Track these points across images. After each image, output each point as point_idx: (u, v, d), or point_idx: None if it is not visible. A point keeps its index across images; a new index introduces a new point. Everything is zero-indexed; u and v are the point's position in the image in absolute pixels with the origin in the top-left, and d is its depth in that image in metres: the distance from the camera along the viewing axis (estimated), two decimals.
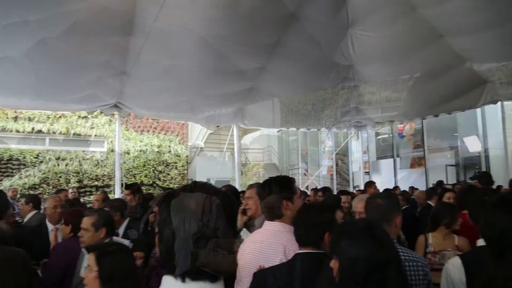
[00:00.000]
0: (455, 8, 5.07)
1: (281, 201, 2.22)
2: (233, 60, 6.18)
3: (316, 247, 1.84)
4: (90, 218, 2.94)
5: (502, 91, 6.88)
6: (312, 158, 21.04)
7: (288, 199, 2.24)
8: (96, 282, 1.85)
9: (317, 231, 1.83)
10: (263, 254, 2.15)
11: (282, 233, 2.18)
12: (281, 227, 2.20)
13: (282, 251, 2.08)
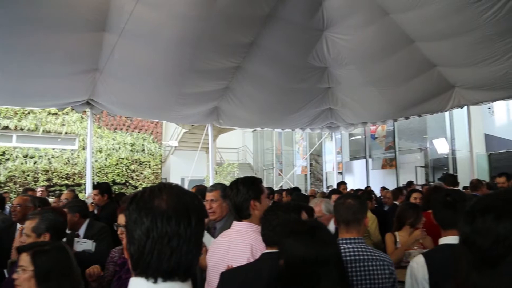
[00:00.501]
0: (425, 15, 5.22)
1: (248, 201, 2.23)
2: (209, 59, 6.17)
3: None
4: (31, 222, 2.63)
5: (468, 96, 7.14)
6: (287, 158, 21.20)
7: (256, 199, 2.25)
8: (32, 282, 1.79)
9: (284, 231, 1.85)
10: (231, 254, 2.16)
11: (249, 233, 2.19)
12: (248, 227, 2.22)
13: (249, 251, 2.09)
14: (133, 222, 1.01)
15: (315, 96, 8.23)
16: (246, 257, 2.07)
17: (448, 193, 2.15)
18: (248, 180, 2.35)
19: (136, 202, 1.04)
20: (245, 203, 2.23)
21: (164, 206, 1.02)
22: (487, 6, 4.60)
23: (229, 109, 8.15)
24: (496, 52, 5.42)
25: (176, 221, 1.01)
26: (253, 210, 2.23)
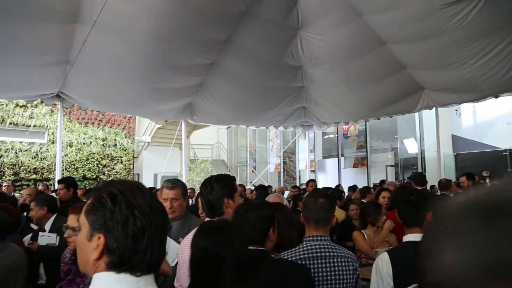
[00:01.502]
0: (396, 17, 5.35)
1: (222, 199, 2.24)
2: (183, 54, 6.12)
3: (260, 244, 1.86)
4: None
5: (437, 98, 7.35)
6: (261, 156, 21.28)
7: (229, 197, 2.26)
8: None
9: (261, 228, 1.86)
10: None
11: None
12: None
13: None
14: (124, 221, 1.01)
15: (289, 95, 8.29)
16: None
17: (412, 192, 2.22)
18: (222, 177, 2.35)
19: (124, 201, 1.04)
20: (219, 201, 2.23)
21: (149, 203, 1.05)
22: (455, 12, 4.75)
23: (203, 105, 8.11)
24: (463, 56, 5.60)
25: (161, 215, 1.06)
26: (226, 208, 2.23)
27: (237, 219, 1.90)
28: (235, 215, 1.92)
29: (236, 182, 2.45)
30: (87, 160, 16.12)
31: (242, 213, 1.89)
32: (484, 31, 5.02)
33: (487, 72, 5.74)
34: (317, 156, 17.56)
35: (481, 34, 5.11)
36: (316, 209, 2.12)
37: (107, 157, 16.75)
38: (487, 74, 5.80)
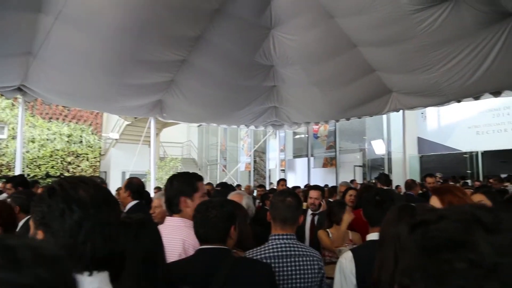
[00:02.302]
0: (366, 21, 5.45)
1: (178, 197, 2.22)
2: (152, 50, 6.00)
3: (222, 243, 1.85)
4: None
5: (404, 101, 7.55)
6: (231, 154, 21.24)
7: (187, 196, 2.23)
8: None
9: (223, 226, 1.85)
10: None
11: (181, 228, 2.18)
12: (181, 222, 2.20)
13: (181, 246, 2.08)
14: (60, 214, 0.98)
15: (261, 94, 8.30)
16: (178, 252, 2.05)
17: (377, 192, 2.26)
18: (184, 176, 2.33)
19: (61, 194, 1.01)
20: (176, 199, 2.21)
21: (91, 195, 1.02)
22: (422, 19, 4.89)
23: (173, 102, 8.00)
24: (429, 61, 5.77)
25: (106, 208, 1.03)
26: (184, 207, 2.21)
27: (198, 218, 1.87)
28: (196, 214, 1.89)
29: (203, 181, 2.40)
30: (50, 157, 15.59)
31: (203, 212, 1.87)
32: (448, 39, 5.20)
33: (451, 77, 5.93)
34: (287, 156, 17.70)
35: (446, 41, 5.28)
36: (284, 208, 2.12)
37: (72, 154, 16.25)
38: (450, 80, 5.99)
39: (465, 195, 1.98)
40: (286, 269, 1.97)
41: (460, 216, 0.62)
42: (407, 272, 0.61)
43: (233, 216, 1.92)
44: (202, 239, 1.88)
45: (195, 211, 1.91)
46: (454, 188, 2.08)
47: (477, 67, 5.49)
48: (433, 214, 0.65)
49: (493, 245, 0.59)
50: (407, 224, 0.96)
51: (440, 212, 0.65)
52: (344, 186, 5.16)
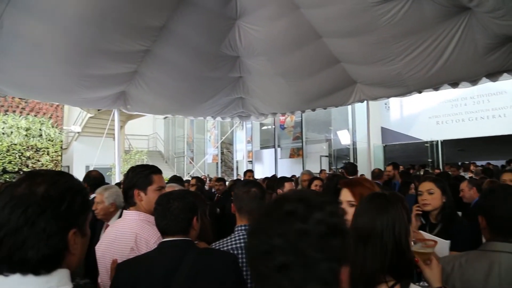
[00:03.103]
0: (331, 12, 5.50)
1: (133, 190, 2.21)
2: (115, 40, 5.81)
3: (184, 234, 1.84)
4: None
5: (368, 91, 7.70)
6: (198, 146, 21.08)
7: (140, 189, 2.22)
8: None
9: (185, 217, 1.84)
10: (116, 244, 2.11)
11: (136, 221, 2.16)
12: (136, 215, 2.19)
13: (133, 240, 2.06)
14: None
15: (227, 85, 8.25)
16: (130, 246, 2.03)
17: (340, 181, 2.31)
18: (140, 168, 2.30)
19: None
20: (130, 191, 2.20)
21: (20, 194, 1.00)
22: (384, 11, 4.98)
23: (137, 94, 7.81)
24: (392, 53, 5.90)
25: (32, 207, 0.98)
26: (138, 200, 2.20)
27: (159, 210, 1.85)
28: (157, 206, 1.87)
29: (161, 175, 2.35)
30: (7, 152, 14.88)
31: (164, 204, 1.85)
32: (409, 31, 5.33)
33: (412, 69, 6.10)
34: (254, 147, 17.76)
35: (407, 34, 5.41)
36: (249, 199, 2.13)
37: (31, 149, 15.58)
38: (412, 71, 6.16)
39: (374, 186, 2.04)
40: None
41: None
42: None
43: (194, 207, 1.91)
44: (164, 231, 1.85)
45: (156, 203, 1.89)
46: (364, 180, 2.17)
47: (436, 59, 5.67)
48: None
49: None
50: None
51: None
52: (307, 175, 5.16)
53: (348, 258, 0.81)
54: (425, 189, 2.70)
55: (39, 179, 1.04)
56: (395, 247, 1.42)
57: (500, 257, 1.61)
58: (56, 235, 1.00)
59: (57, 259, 1.02)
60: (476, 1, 4.12)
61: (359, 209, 1.56)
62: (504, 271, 1.58)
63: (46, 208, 1.00)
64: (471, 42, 5.12)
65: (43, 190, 1.02)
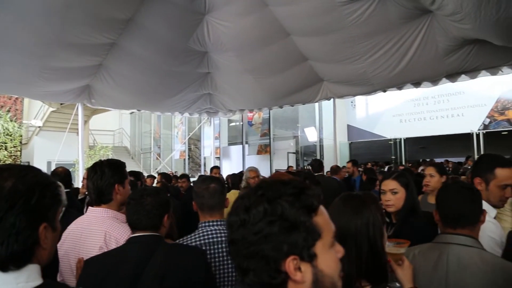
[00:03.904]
0: (298, 10, 5.55)
1: (113, 185, 2.18)
2: (79, 32, 5.63)
3: (154, 230, 1.83)
4: None
5: (334, 89, 7.85)
6: (165, 142, 20.81)
7: (120, 183, 2.21)
8: None
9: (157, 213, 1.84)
10: (82, 242, 2.06)
11: (104, 219, 2.12)
12: (104, 212, 2.15)
13: (102, 238, 2.02)
14: None
15: (195, 81, 8.18)
16: (99, 245, 1.99)
17: (306, 177, 2.35)
18: (114, 163, 2.28)
19: None
20: (110, 187, 2.16)
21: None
22: (351, 10, 5.08)
23: (102, 88, 7.61)
24: (358, 52, 6.03)
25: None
26: (116, 194, 2.17)
27: (132, 205, 1.84)
28: (130, 201, 1.86)
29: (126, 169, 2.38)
30: None
31: (138, 199, 1.84)
32: (375, 31, 5.46)
33: (377, 68, 6.26)
34: (222, 143, 17.72)
35: (373, 34, 5.54)
36: (209, 195, 2.12)
37: None
38: (377, 70, 6.33)
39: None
40: (218, 255, 1.98)
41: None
42: None
43: (167, 204, 1.92)
44: (134, 226, 1.84)
45: (129, 198, 1.88)
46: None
47: (400, 59, 5.85)
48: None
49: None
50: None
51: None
52: (253, 172, 5.14)
53: (295, 250, 0.84)
54: (388, 189, 2.51)
55: (5, 173, 1.01)
56: (370, 250, 1.41)
57: (449, 248, 1.69)
58: (25, 230, 0.98)
59: (27, 254, 1.00)
60: (437, 5, 4.26)
61: (333, 211, 1.48)
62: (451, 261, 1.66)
63: (15, 203, 0.97)
64: (432, 44, 5.31)
65: (11, 184, 0.99)
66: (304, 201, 0.86)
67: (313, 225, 0.86)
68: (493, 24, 4.04)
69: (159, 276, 1.66)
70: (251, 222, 0.84)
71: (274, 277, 0.84)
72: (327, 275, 0.87)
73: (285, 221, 0.83)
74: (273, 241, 0.83)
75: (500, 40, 4.62)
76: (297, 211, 0.85)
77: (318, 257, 0.86)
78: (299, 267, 0.84)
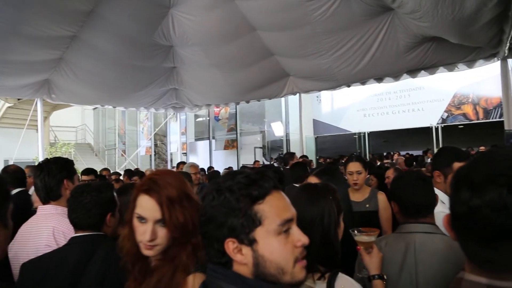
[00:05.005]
0: (264, 5, 5.58)
1: (62, 181, 2.15)
2: (37, 24, 5.41)
3: (96, 230, 1.76)
4: None
5: (300, 84, 7.95)
6: (130, 138, 20.37)
7: (69, 179, 2.20)
8: None
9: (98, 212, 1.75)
10: (31, 241, 2.00)
11: (53, 215, 2.08)
12: (53, 209, 2.11)
13: (51, 235, 1.98)
14: None
15: (160, 75, 8.06)
16: (45, 242, 1.94)
17: (275, 170, 2.38)
18: (61, 159, 2.27)
19: None
20: (59, 183, 2.15)
21: None
22: (316, 6, 5.17)
23: (63, 83, 7.36)
24: (323, 48, 6.13)
25: None
26: (65, 190, 2.15)
27: (71, 202, 1.76)
28: (70, 198, 1.78)
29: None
30: None
31: (77, 196, 1.75)
32: (339, 27, 5.58)
33: (341, 63, 6.40)
34: (189, 139, 17.55)
35: (337, 30, 5.66)
36: None
37: None
38: (341, 66, 6.46)
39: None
40: None
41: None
42: None
43: (111, 202, 1.82)
44: (74, 225, 1.76)
45: (70, 194, 1.80)
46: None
47: (363, 55, 6.01)
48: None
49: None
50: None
51: None
52: (194, 168, 5.12)
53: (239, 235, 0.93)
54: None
55: None
56: (321, 239, 1.43)
57: (414, 237, 1.76)
58: None
59: None
60: (397, 3, 4.40)
61: (291, 200, 1.54)
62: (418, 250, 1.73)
63: None
64: (394, 41, 5.48)
65: None
66: (248, 190, 0.94)
67: (254, 212, 0.93)
68: (449, 23, 4.23)
69: (99, 276, 1.57)
70: (202, 206, 0.99)
71: (219, 257, 0.95)
72: (269, 260, 0.92)
73: (224, 207, 0.94)
74: (215, 222, 0.94)
75: (456, 38, 4.84)
76: (237, 199, 0.93)
77: (258, 243, 0.93)
78: (240, 249, 0.93)
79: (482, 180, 0.74)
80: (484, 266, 0.78)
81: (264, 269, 0.92)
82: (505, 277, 0.75)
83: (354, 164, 3.06)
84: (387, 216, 2.96)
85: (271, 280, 0.93)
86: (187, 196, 1.30)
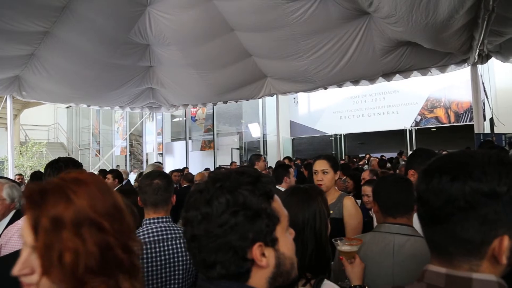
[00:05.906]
0: (242, 6, 5.56)
1: None
2: (7, 18, 5.22)
3: None
4: None
5: (277, 86, 7.98)
6: (105, 138, 19.98)
7: None
8: None
9: None
10: (9, 245, 1.96)
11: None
12: None
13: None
14: None
15: (136, 74, 7.92)
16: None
17: None
18: (56, 162, 2.25)
19: None
20: None
21: None
22: (294, 9, 5.20)
23: (34, 80, 7.15)
24: (300, 49, 6.17)
25: None
26: None
27: None
28: None
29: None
30: None
31: None
32: (316, 30, 5.63)
33: (318, 66, 6.46)
34: (165, 139, 17.35)
35: (314, 32, 5.71)
36: (152, 191, 2.03)
37: None
38: (318, 68, 6.52)
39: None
40: (163, 253, 1.92)
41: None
42: None
43: None
44: None
45: None
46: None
47: (340, 58, 6.08)
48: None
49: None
50: None
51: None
52: (160, 168, 5.09)
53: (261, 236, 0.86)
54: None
55: None
56: (315, 242, 1.43)
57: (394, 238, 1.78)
58: None
59: None
60: (373, 7, 4.47)
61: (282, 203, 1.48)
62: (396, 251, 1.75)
63: None
64: (370, 44, 5.58)
65: None
66: (262, 189, 0.88)
67: (273, 211, 0.88)
68: (423, 28, 4.33)
69: None
70: (215, 214, 0.84)
71: (241, 266, 0.85)
72: (288, 257, 0.91)
73: (248, 210, 0.85)
74: (239, 231, 0.83)
75: (429, 43, 4.97)
76: (258, 199, 0.86)
77: (279, 241, 0.89)
78: (263, 252, 0.86)
79: (432, 170, 0.86)
80: (432, 249, 0.91)
81: (284, 267, 0.90)
82: (455, 264, 0.83)
83: (320, 162, 2.73)
84: (354, 224, 2.55)
85: (282, 279, 0.91)
86: (98, 224, 0.81)
